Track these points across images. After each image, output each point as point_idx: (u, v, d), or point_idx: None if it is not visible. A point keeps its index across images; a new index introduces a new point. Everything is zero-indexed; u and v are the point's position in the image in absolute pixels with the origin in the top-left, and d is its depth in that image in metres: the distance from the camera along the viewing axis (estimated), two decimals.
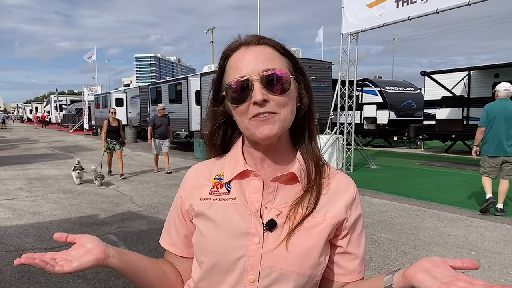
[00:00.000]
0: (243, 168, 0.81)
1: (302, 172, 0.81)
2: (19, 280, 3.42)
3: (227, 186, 0.83)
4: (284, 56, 0.79)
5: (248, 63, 0.75)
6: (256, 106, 0.73)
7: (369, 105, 16.21)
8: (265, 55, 0.76)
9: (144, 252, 4.03)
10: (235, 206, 0.79)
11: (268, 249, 0.76)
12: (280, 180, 0.81)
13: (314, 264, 0.77)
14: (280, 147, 0.82)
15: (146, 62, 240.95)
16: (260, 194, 0.80)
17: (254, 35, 0.80)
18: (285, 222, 0.77)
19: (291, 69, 0.80)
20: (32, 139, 22.21)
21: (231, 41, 0.81)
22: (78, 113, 33.70)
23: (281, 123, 0.75)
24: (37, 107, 55.82)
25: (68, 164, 11.21)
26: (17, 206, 6.09)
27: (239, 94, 0.75)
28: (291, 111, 0.77)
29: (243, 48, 0.78)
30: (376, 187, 7.53)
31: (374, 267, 3.65)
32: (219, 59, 0.82)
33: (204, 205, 0.82)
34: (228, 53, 0.80)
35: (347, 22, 9.17)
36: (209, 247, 0.79)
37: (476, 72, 12.49)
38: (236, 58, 0.78)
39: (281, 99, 0.74)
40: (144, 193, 7.14)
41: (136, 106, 20.60)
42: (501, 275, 3.47)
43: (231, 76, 0.76)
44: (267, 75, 0.73)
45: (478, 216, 5.36)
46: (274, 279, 0.75)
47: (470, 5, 6.75)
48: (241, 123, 0.78)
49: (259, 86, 0.73)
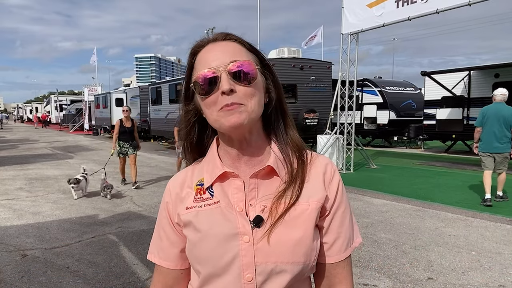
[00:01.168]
0: (221, 170, 0.82)
1: (278, 163, 0.82)
2: (19, 280, 3.42)
3: (210, 190, 0.83)
4: (250, 51, 0.81)
5: (215, 57, 0.77)
6: (224, 96, 0.74)
7: (369, 105, 16.20)
8: (232, 49, 0.78)
9: (144, 252, 4.04)
10: (220, 209, 0.80)
11: (260, 245, 0.76)
12: (259, 176, 0.81)
13: (306, 251, 0.78)
14: (253, 141, 0.82)
15: (146, 62, 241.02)
16: (242, 193, 0.80)
17: (221, 32, 0.82)
18: (270, 215, 0.78)
19: (258, 64, 0.81)
20: (32, 139, 22.22)
21: (199, 39, 0.83)
22: (78, 113, 33.72)
23: (248, 114, 0.75)
24: (37, 107, 55.80)
25: (68, 164, 11.22)
26: (17, 206, 6.10)
27: (207, 86, 0.75)
28: (259, 102, 0.77)
29: (211, 44, 0.80)
30: (376, 187, 7.53)
31: (374, 267, 3.65)
32: (188, 57, 0.83)
33: (190, 214, 0.82)
34: (196, 49, 0.81)
35: (347, 22, 9.17)
36: (202, 255, 0.79)
37: (476, 72, 12.49)
38: (204, 54, 0.79)
39: (248, 90, 0.75)
40: (144, 193, 7.14)
41: (136, 106, 20.60)
42: (501, 275, 3.47)
43: (199, 71, 0.77)
44: (233, 66, 0.75)
45: (478, 216, 5.37)
46: (270, 272, 0.76)
47: (470, 5, 6.75)
48: (210, 116, 0.78)
49: (226, 77, 0.74)
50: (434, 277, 3.42)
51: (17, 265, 3.75)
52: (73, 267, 3.70)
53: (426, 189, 7.37)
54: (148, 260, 3.64)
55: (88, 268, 3.66)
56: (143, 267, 3.69)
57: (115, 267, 3.70)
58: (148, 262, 3.74)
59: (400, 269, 3.59)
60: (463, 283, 3.30)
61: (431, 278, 3.40)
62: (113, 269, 3.64)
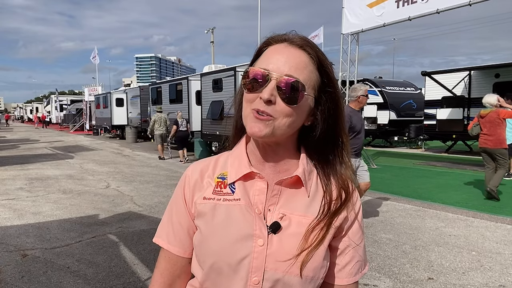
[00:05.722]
0: (248, 170, 0.81)
1: (305, 175, 0.81)
2: (20, 280, 3.42)
3: (231, 186, 0.81)
4: (318, 71, 0.78)
5: (278, 60, 0.74)
6: (261, 101, 0.73)
7: (370, 105, 16.18)
8: (298, 61, 0.75)
9: (144, 252, 4.04)
10: (240, 207, 0.79)
11: (272, 252, 0.76)
12: (284, 183, 0.80)
13: (317, 267, 0.77)
14: (280, 153, 0.81)
15: (147, 62, 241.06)
16: (264, 196, 0.79)
17: (303, 37, 0.78)
18: (289, 225, 0.77)
19: (317, 87, 0.78)
20: (33, 139, 22.22)
21: (281, 32, 0.80)
22: (78, 113, 33.74)
23: (273, 129, 0.73)
24: (38, 107, 55.83)
25: (69, 164, 11.22)
26: (18, 206, 6.10)
27: (253, 83, 0.75)
28: (291, 124, 0.75)
29: (284, 44, 0.77)
30: (377, 187, 7.52)
31: (375, 267, 3.65)
32: (261, 43, 0.81)
33: (207, 204, 0.81)
34: (271, 41, 0.79)
35: (348, 22, 9.18)
36: (213, 248, 0.78)
37: (476, 72, 12.48)
38: (273, 50, 0.77)
39: (286, 108, 0.73)
40: (145, 193, 7.14)
41: (136, 106, 20.60)
42: (501, 275, 3.46)
43: (259, 64, 0.76)
44: (286, 80, 0.72)
45: (479, 216, 5.37)
46: (278, 281, 0.76)
47: (470, 5, 6.75)
48: (244, 110, 0.78)
49: (273, 86, 0.72)
50: (435, 277, 3.42)
51: (18, 265, 3.75)
52: (73, 267, 3.70)
53: (426, 189, 7.37)
54: (148, 260, 3.61)
55: (89, 268, 3.66)
56: (143, 267, 3.69)
57: (115, 267, 3.70)
58: (149, 262, 3.74)
59: (400, 269, 3.59)
60: (464, 283, 3.30)
61: (432, 278, 3.40)
62: (114, 269, 3.64)
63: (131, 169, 10.16)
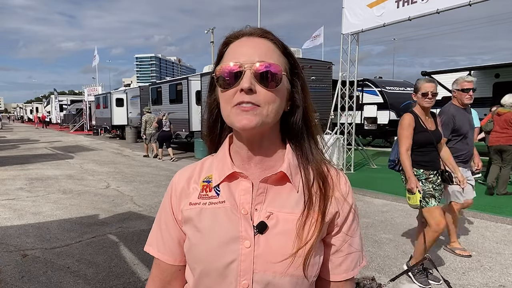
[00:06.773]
0: (230, 170, 0.79)
1: (292, 169, 0.79)
2: (20, 280, 3.42)
3: (216, 189, 0.80)
4: (284, 55, 0.78)
5: (245, 52, 0.74)
6: (242, 93, 0.72)
7: (370, 105, 16.19)
8: (264, 48, 0.75)
9: (144, 252, 4.02)
10: (225, 209, 0.77)
11: (260, 253, 0.74)
12: (270, 181, 0.78)
13: (313, 264, 0.76)
14: (265, 145, 0.80)
15: (147, 62, 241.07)
16: (249, 196, 0.78)
17: (260, 28, 0.79)
18: (276, 223, 0.75)
19: (288, 69, 0.78)
20: (33, 139, 22.22)
21: (236, 30, 0.80)
22: (78, 113, 33.74)
23: (261, 118, 0.72)
24: (38, 107, 55.83)
25: (69, 164, 11.22)
26: (18, 206, 6.10)
27: (228, 79, 0.73)
28: (276, 109, 0.74)
29: (245, 38, 0.77)
30: (377, 187, 7.52)
31: (375, 267, 3.65)
32: (220, 45, 0.81)
33: (193, 210, 0.80)
34: (230, 39, 0.79)
35: (348, 22, 9.16)
36: (201, 254, 0.77)
37: (476, 72, 12.48)
38: (236, 46, 0.77)
39: (268, 94, 0.72)
40: (145, 193, 7.14)
41: (136, 106, 20.59)
42: (501, 275, 3.47)
43: (226, 63, 0.75)
44: (260, 66, 0.72)
45: (479, 216, 5.37)
46: (268, 283, 0.74)
47: (470, 5, 6.75)
48: (224, 111, 0.76)
49: (249, 75, 0.72)
50: None
51: (18, 265, 3.75)
52: (73, 267, 3.70)
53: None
54: (148, 261, 3.62)
55: (89, 268, 3.66)
56: (143, 267, 3.69)
57: (115, 267, 3.70)
58: (149, 263, 3.74)
59: (400, 269, 3.59)
60: (464, 283, 3.30)
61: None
62: (114, 269, 3.64)
63: (131, 169, 10.16)
